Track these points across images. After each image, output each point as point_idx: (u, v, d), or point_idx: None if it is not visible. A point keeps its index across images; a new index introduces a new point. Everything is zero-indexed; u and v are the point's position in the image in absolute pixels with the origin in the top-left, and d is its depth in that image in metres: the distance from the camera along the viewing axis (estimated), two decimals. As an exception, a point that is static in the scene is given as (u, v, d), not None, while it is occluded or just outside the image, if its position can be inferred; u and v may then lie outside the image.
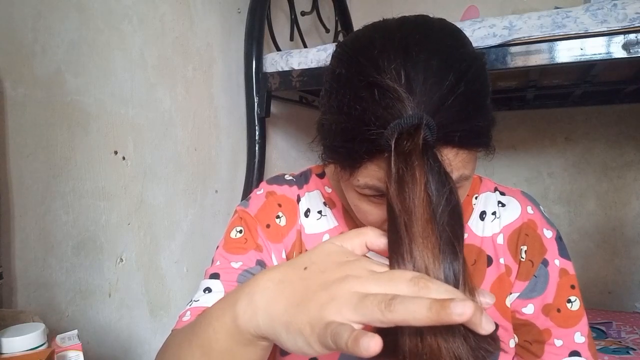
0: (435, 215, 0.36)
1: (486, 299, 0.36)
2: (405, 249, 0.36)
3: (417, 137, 0.38)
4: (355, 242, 0.40)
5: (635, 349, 1.37)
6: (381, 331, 0.32)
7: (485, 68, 0.47)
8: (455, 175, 0.44)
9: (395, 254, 0.36)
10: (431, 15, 0.49)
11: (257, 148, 1.32)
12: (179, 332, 0.48)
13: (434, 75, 0.41)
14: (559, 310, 0.59)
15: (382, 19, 0.49)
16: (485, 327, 0.30)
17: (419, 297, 0.31)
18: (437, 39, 0.44)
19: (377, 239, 0.39)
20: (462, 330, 0.33)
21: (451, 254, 0.36)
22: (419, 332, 0.33)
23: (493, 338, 0.34)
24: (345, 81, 0.45)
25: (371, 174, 0.44)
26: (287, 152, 1.62)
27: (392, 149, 0.39)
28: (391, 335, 0.33)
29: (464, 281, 0.35)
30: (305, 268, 0.37)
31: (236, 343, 0.38)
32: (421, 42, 0.43)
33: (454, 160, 0.43)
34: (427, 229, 0.36)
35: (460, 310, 0.29)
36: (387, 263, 0.38)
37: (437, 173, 0.38)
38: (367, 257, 0.38)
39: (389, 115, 0.40)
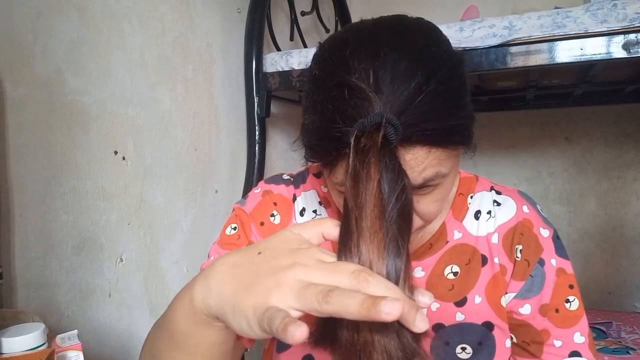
0: (385, 212, 0.37)
1: (424, 298, 0.36)
2: (353, 242, 0.37)
3: (377, 135, 0.39)
4: (312, 231, 0.40)
5: (635, 349, 1.37)
6: (324, 320, 0.33)
7: (462, 67, 0.47)
8: (430, 172, 0.45)
9: (344, 247, 0.37)
10: (427, 16, 0.50)
11: (257, 148, 1.32)
12: (158, 319, 0.49)
13: (402, 75, 0.42)
14: (557, 311, 0.59)
15: (360, 20, 0.50)
16: (418, 326, 0.31)
17: (355, 291, 0.32)
18: (409, 39, 0.45)
19: (333, 229, 0.40)
20: (397, 326, 0.33)
21: (395, 251, 0.36)
22: (356, 324, 0.34)
23: (426, 337, 0.35)
24: (320, 81, 0.46)
25: (345, 172, 0.45)
26: (287, 152, 1.62)
27: (351, 146, 0.40)
28: (332, 325, 0.35)
29: (404, 278, 0.36)
30: (259, 253, 0.38)
31: (194, 324, 0.40)
32: (392, 42, 0.44)
33: (426, 157, 0.44)
34: (375, 225, 0.36)
35: (388, 310, 0.30)
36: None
37: (392, 171, 0.38)
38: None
39: (357, 114, 0.41)
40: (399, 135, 0.40)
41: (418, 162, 0.43)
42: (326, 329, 0.33)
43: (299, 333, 0.30)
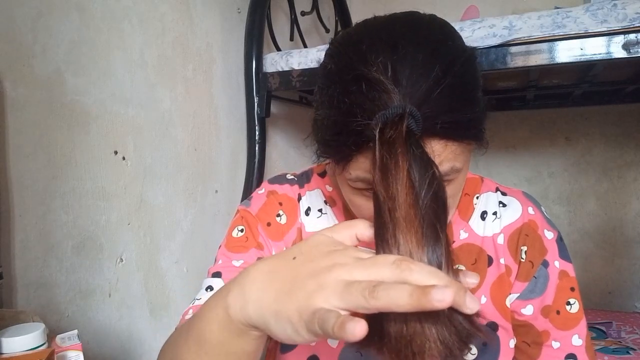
0: (418, 200, 0.37)
1: (471, 279, 0.36)
2: (389, 234, 0.36)
3: (401, 126, 0.39)
4: (345, 233, 0.40)
5: (635, 349, 1.37)
6: (368, 317, 0.32)
7: (475, 62, 0.48)
8: (446, 166, 0.45)
9: (381, 240, 0.37)
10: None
11: (257, 148, 1.32)
12: (178, 328, 0.48)
13: (420, 68, 0.42)
14: (558, 312, 0.59)
15: (373, 16, 0.50)
16: (470, 306, 0.30)
17: (401, 283, 0.31)
18: (424, 34, 0.45)
19: (367, 230, 0.40)
20: (447, 312, 0.33)
21: (434, 237, 0.36)
22: (403, 315, 0.33)
23: (478, 317, 0.34)
24: (335, 76, 0.46)
25: (361, 167, 0.45)
26: (287, 152, 1.62)
27: (377, 138, 0.39)
28: (378, 320, 0.34)
29: (447, 263, 0.35)
30: (294, 258, 0.37)
31: (229, 333, 0.39)
32: (408, 36, 0.44)
33: (443, 151, 0.44)
34: (410, 213, 0.36)
35: (440, 297, 0.29)
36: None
37: (420, 159, 0.38)
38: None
39: (376, 107, 0.41)
40: (420, 127, 0.40)
41: (435, 155, 0.43)
42: (372, 327, 0.32)
43: (359, 328, 0.29)
